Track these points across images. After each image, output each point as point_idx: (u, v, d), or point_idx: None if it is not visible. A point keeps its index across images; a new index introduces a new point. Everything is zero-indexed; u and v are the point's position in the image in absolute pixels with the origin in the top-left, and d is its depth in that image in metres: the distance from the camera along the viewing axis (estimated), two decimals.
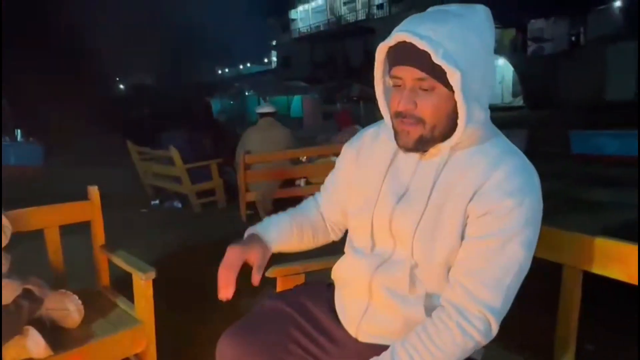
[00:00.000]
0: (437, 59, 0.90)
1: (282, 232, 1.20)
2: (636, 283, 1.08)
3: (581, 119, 10.56)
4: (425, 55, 0.91)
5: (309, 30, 34.56)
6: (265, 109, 4.99)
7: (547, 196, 0.97)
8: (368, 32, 27.13)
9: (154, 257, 3.59)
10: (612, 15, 20.41)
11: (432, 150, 1.01)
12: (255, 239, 1.15)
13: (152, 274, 1.61)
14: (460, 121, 0.95)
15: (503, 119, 11.83)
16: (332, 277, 1.18)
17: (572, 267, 1.21)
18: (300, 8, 35.43)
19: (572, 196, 4.98)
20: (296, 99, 22.82)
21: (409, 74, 0.95)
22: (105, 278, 1.99)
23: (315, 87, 22.53)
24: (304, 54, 33.03)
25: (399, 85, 0.98)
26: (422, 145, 0.99)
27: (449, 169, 1.00)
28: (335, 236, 1.29)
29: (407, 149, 1.00)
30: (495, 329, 0.94)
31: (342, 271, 1.15)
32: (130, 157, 6.25)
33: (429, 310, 1.00)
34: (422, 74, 0.93)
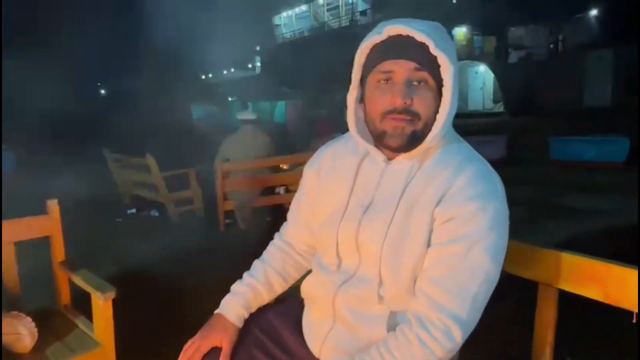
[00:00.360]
0: (435, 51, 0.90)
1: (249, 300, 1.15)
2: (613, 303, 1.04)
3: (560, 125, 10.71)
4: (422, 48, 0.91)
5: (292, 36, 34.58)
6: (246, 115, 4.91)
7: (525, 202, 0.94)
8: (351, 38, 27.29)
9: (124, 271, 3.48)
10: (589, 24, 20.89)
11: (398, 158, 0.98)
12: (221, 322, 1.11)
13: (112, 294, 1.52)
14: (441, 117, 0.93)
15: (484, 125, 11.95)
16: (301, 294, 1.15)
17: (547, 285, 1.17)
18: (284, 14, 35.43)
19: (551, 202, 5.00)
20: (280, 105, 22.72)
21: (403, 67, 0.93)
22: (65, 296, 1.88)
23: (299, 93, 22.49)
24: (287, 60, 33.01)
25: (387, 80, 0.94)
26: (413, 143, 0.95)
27: (415, 177, 0.97)
28: (309, 264, 1.23)
29: (399, 149, 0.96)
30: (459, 340, 0.88)
31: (308, 289, 1.11)
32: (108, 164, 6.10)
33: (392, 330, 0.95)
34: (419, 66, 0.92)
